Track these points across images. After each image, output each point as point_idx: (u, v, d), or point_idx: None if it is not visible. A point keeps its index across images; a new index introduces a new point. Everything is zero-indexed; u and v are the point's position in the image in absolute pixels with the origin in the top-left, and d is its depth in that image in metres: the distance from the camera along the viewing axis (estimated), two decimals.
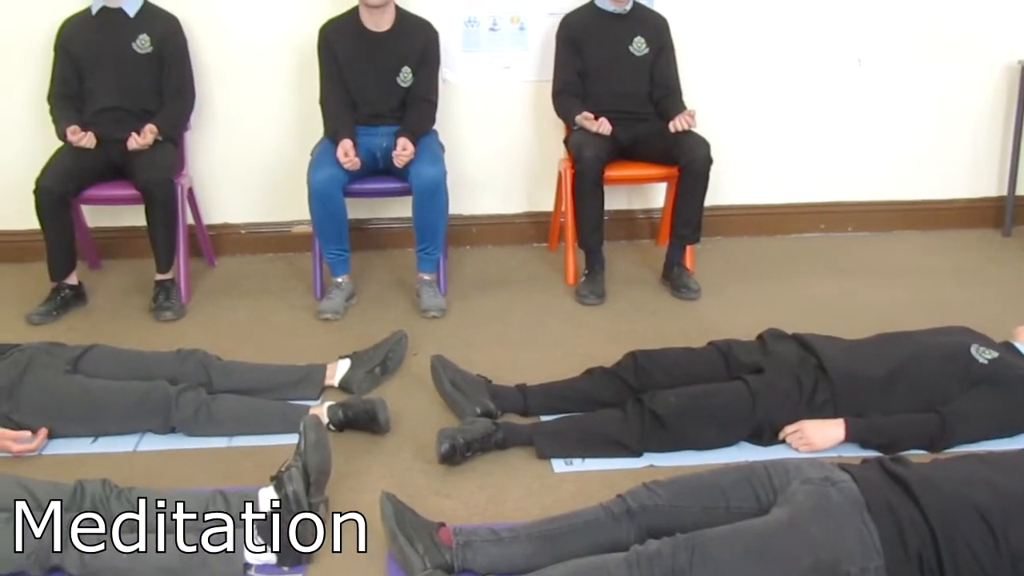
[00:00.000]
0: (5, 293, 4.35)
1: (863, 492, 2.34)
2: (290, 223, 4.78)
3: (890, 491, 2.35)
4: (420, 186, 4.03)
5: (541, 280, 4.51)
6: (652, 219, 4.99)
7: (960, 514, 2.29)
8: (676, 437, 3.01)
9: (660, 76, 4.44)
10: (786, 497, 2.39)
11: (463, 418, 3.15)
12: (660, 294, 4.31)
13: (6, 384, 3.10)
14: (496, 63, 4.71)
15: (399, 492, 2.60)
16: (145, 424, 3.15)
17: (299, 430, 2.70)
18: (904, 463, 2.49)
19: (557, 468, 2.97)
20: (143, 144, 4.07)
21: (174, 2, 4.35)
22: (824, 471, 2.44)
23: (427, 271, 4.20)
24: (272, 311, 4.18)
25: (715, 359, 3.25)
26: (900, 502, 2.32)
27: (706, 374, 3.18)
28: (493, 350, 3.75)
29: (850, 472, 2.42)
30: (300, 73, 4.56)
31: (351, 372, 3.44)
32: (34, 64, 4.38)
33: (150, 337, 3.82)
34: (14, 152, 4.51)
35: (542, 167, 4.84)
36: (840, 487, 2.35)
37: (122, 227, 4.65)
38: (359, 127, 4.19)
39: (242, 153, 4.71)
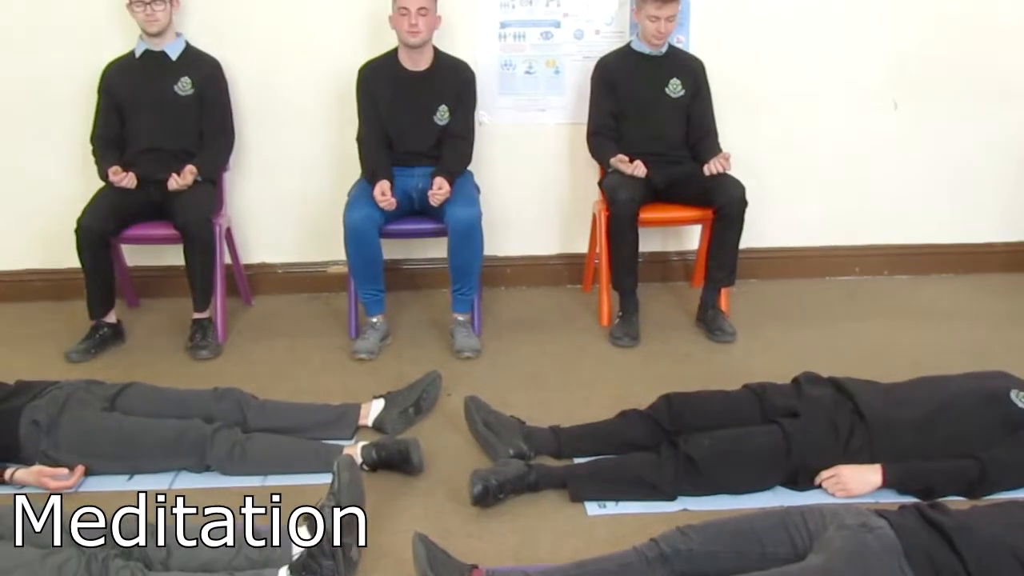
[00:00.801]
0: (45, 330, 4.40)
1: (900, 539, 2.31)
2: (326, 263, 4.82)
3: (928, 538, 2.33)
4: (455, 227, 4.05)
5: (575, 322, 4.51)
6: (687, 261, 4.98)
7: (1000, 562, 2.26)
8: (710, 481, 2.99)
9: (696, 118, 4.45)
10: (822, 543, 2.37)
11: (496, 459, 3.15)
12: (694, 336, 4.30)
13: (45, 421, 3.13)
14: (531, 106, 4.74)
15: (432, 533, 2.60)
16: (181, 462, 3.17)
17: (333, 470, 2.71)
18: (943, 510, 2.46)
19: (590, 511, 2.96)
20: (183, 184, 4.12)
21: (215, 45, 4.42)
22: (861, 517, 2.41)
23: (461, 312, 4.21)
24: (307, 350, 4.20)
25: (750, 402, 3.22)
26: (938, 550, 2.29)
27: (740, 417, 3.15)
28: (527, 391, 3.75)
29: (887, 518, 2.40)
30: (338, 114, 4.61)
31: (385, 412, 3.45)
32: (78, 106, 4.45)
33: (187, 375, 3.85)
34: (57, 192, 4.58)
35: (576, 209, 4.85)
36: (877, 534, 2.33)
37: (161, 266, 4.70)
38: (396, 168, 4.23)
39: (279, 193, 4.76)
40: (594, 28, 4.67)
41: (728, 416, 3.16)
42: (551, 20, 4.64)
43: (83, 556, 2.46)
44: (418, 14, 4.11)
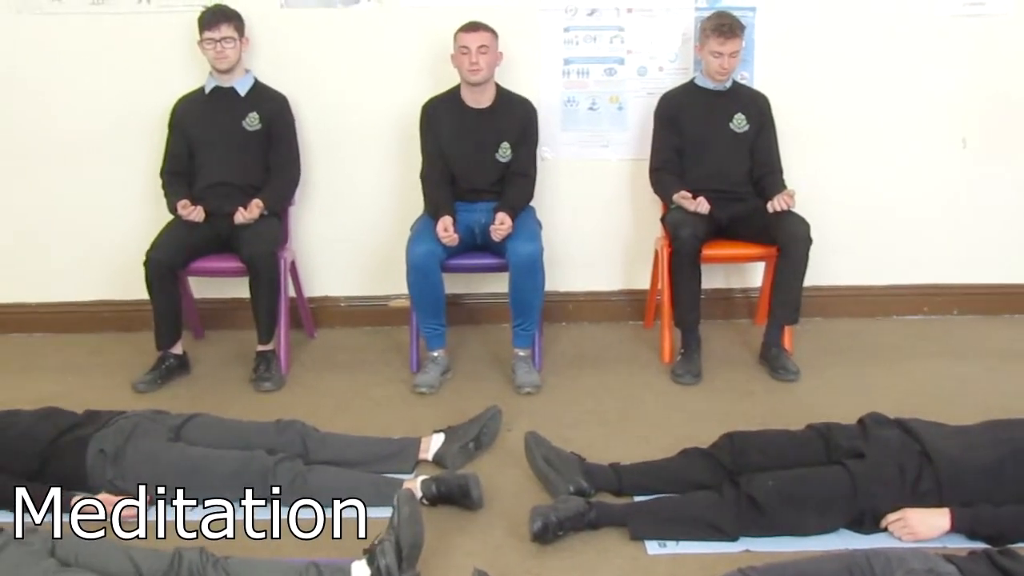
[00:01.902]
0: (112, 361, 4.48)
1: None
2: (388, 297, 4.85)
3: None
4: (517, 262, 4.06)
5: (636, 358, 4.48)
6: (750, 298, 4.94)
7: None
8: (773, 522, 2.94)
9: (760, 154, 4.43)
10: None
11: (556, 496, 3.13)
12: (758, 375, 4.25)
13: (111, 450, 3.18)
14: (594, 141, 4.75)
15: (491, 569, 2.59)
16: (243, 493, 3.19)
17: (393, 504, 2.71)
18: (1014, 556, 2.41)
19: (651, 550, 2.93)
20: (249, 218, 4.18)
21: (283, 81, 4.49)
22: (929, 562, 2.36)
23: (522, 347, 4.21)
24: (369, 384, 4.23)
25: (814, 442, 3.17)
26: None
27: (804, 458, 3.10)
28: (587, 428, 3.73)
29: (956, 564, 2.35)
30: (401, 149, 4.66)
31: (445, 447, 3.45)
32: (149, 140, 4.55)
33: (250, 407, 3.89)
34: (127, 225, 4.67)
35: (639, 245, 4.84)
36: None
37: (226, 298, 4.76)
38: (458, 203, 4.26)
39: (343, 228, 4.81)
40: (658, 65, 4.67)
41: (792, 456, 3.11)
42: (615, 57, 4.66)
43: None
44: (479, 52, 4.15)
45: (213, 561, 2.64)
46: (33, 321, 4.88)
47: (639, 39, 4.65)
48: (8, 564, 2.51)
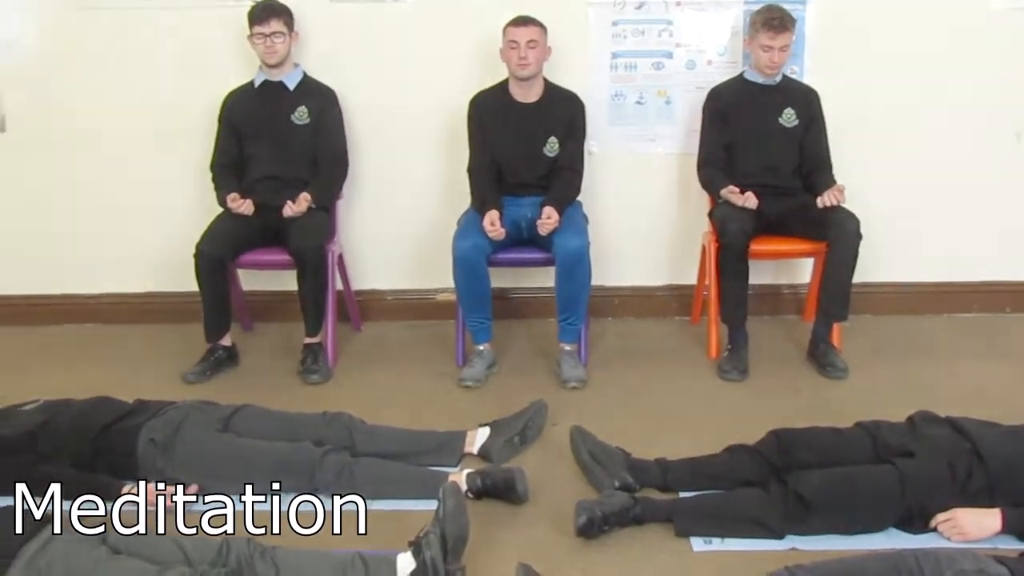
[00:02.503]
0: (163, 352, 4.53)
1: None
2: (434, 291, 4.87)
3: None
4: (563, 257, 4.06)
5: (683, 354, 4.47)
6: (798, 295, 4.90)
7: None
8: (820, 520, 2.91)
9: (809, 149, 4.39)
10: None
11: (601, 491, 3.13)
12: (805, 372, 4.22)
13: (162, 440, 3.22)
14: (642, 136, 4.74)
15: (535, 563, 2.59)
16: (290, 484, 3.20)
17: (438, 496, 2.72)
18: None
19: (696, 547, 2.91)
20: (297, 212, 4.21)
21: (331, 75, 4.52)
22: (979, 563, 2.33)
23: (568, 341, 4.21)
24: (415, 377, 4.24)
25: (862, 440, 3.13)
26: None
27: (852, 456, 3.07)
28: (633, 423, 3.72)
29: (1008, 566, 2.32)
30: (448, 143, 4.67)
31: (491, 440, 3.46)
32: (199, 134, 4.59)
33: (297, 399, 3.92)
34: (178, 217, 4.72)
35: (686, 240, 4.81)
36: None
37: (274, 291, 4.80)
38: (505, 197, 4.26)
39: (390, 221, 4.84)
40: (706, 58, 4.64)
41: (839, 454, 3.08)
42: (663, 51, 4.64)
43: (195, 574, 2.51)
44: (527, 47, 4.15)
45: (260, 551, 2.66)
46: (85, 312, 4.95)
47: (688, 33, 4.62)
48: (61, 551, 2.55)
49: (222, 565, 2.60)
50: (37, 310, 4.95)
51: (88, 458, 3.22)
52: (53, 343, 4.76)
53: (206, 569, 2.54)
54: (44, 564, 2.52)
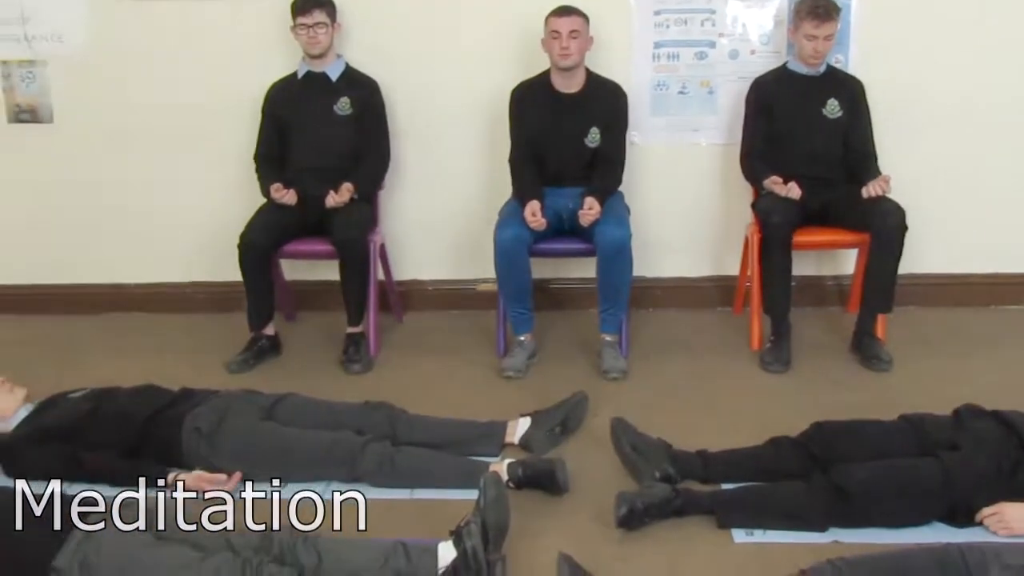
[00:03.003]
0: (207, 341, 4.57)
1: None
2: (476, 281, 4.87)
3: None
4: (605, 247, 4.05)
5: (725, 345, 4.44)
6: (842, 286, 4.86)
7: None
8: (863, 513, 2.89)
9: (854, 140, 4.35)
10: None
11: (642, 482, 3.12)
12: (849, 364, 4.18)
13: (206, 428, 3.25)
14: (684, 126, 4.71)
15: (576, 554, 2.59)
16: (332, 473, 3.24)
17: (479, 486, 2.73)
18: None
19: (737, 539, 2.90)
20: (340, 202, 4.23)
21: (373, 66, 4.54)
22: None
23: (609, 332, 4.20)
24: (456, 367, 4.26)
25: (906, 433, 3.11)
26: None
27: (896, 449, 3.05)
28: (674, 414, 3.71)
29: None
30: (489, 134, 4.67)
31: (531, 431, 3.46)
32: (243, 125, 4.62)
33: (339, 388, 3.94)
34: (221, 207, 4.76)
35: (728, 231, 4.79)
36: None
37: (317, 281, 4.83)
38: (546, 187, 4.26)
39: (432, 212, 4.85)
40: (750, 48, 4.61)
41: (883, 447, 3.05)
42: (706, 40, 4.61)
43: (238, 559, 2.54)
44: (569, 37, 4.14)
45: (303, 538, 2.69)
46: (131, 301, 5.01)
47: (731, 22, 4.59)
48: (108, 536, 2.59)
49: (265, 552, 2.63)
50: (84, 299, 5.01)
51: (134, 445, 3.27)
52: (99, 332, 4.82)
53: (250, 556, 2.57)
54: (92, 548, 2.56)
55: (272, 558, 2.60)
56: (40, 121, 4.84)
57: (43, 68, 4.78)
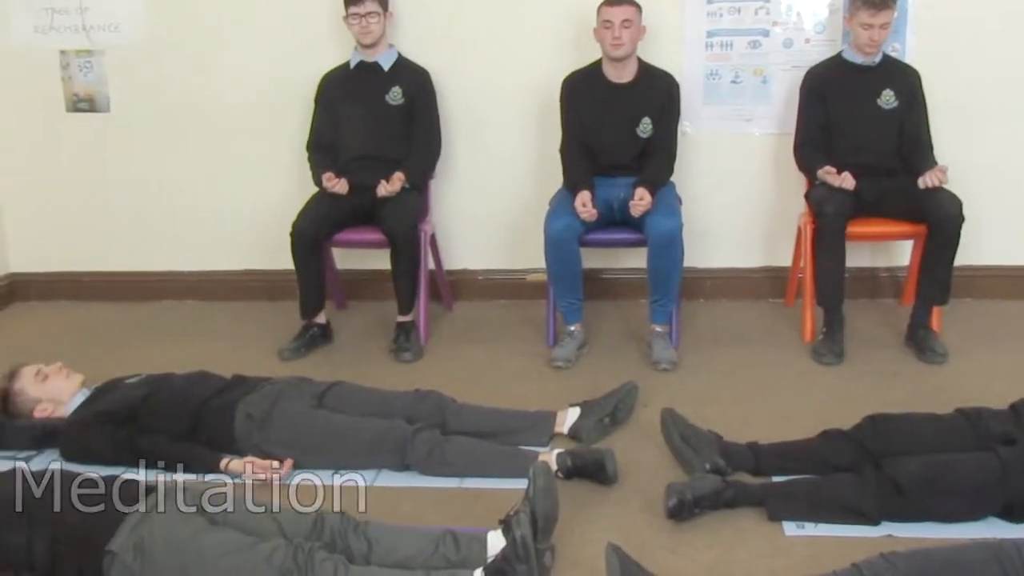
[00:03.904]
0: (259, 328, 4.62)
1: None
2: (526, 271, 4.87)
3: None
4: (656, 238, 4.03)
5: (777, 337, 4.41)
6: (896, 278, 4.80)
7: None
8: (917, 508, 2.85)
9: (910, 130, 4.28)
10: None
11: (692, 473, 3.10)
12: (903, 356, 4.13)
13: (258, 415, 3.29)
14: (737, 116, 4.68)
15: (625, 544, 2.58)
16: (382, 461, 3.26)
17: (528, 475, 2.73)
18: None
19: (788, 531, 2.88)
20: (391, 191, 4.25)
21: (425, 56, 4.55)
22: None
23: (660, 323, 4.18)
24: (505, 356, 4.26)
25: (962, 427, 3.05)
26: None
27: (951, 443, 2.99)
28: (725, 406, 3.69)
29: None
30: (540, 124, 4.67)
31: (581, 421, 3.45)
32: (295, 113, 4.67)
33: (389, 376, 3.96)
34: (274, 196, 4.81)
35: (781, 221, 4.74)
36: None
37: (368, 270, 4.86)
38: (597, 177, 4.24)
39: (483, 201, 4.86)
40: (804, 37, 4.57)
41: (938, 440, 3.00)
42: (760, 29, 4.57)
43: (290, 546, 2.56)
44: (622, 27, 4.12)
45: (354, 525, 2.71)
46: (185, 289, 5.08)
47: (785, 10, 4.55)
48: (161, 520, 2.62)
49: (316, 538, 2.65)
50: (138, 286, 5.08)
51: (188, 431, 3.31)
52: (153, 319, 4.89)
53: (301, 542, 2.58)
54: (146, 532, 2.59)
55: (323, 544, 2.61)
56: (97, 110, 4.92)
57: (100, 57, 4.85)
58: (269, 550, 2.55)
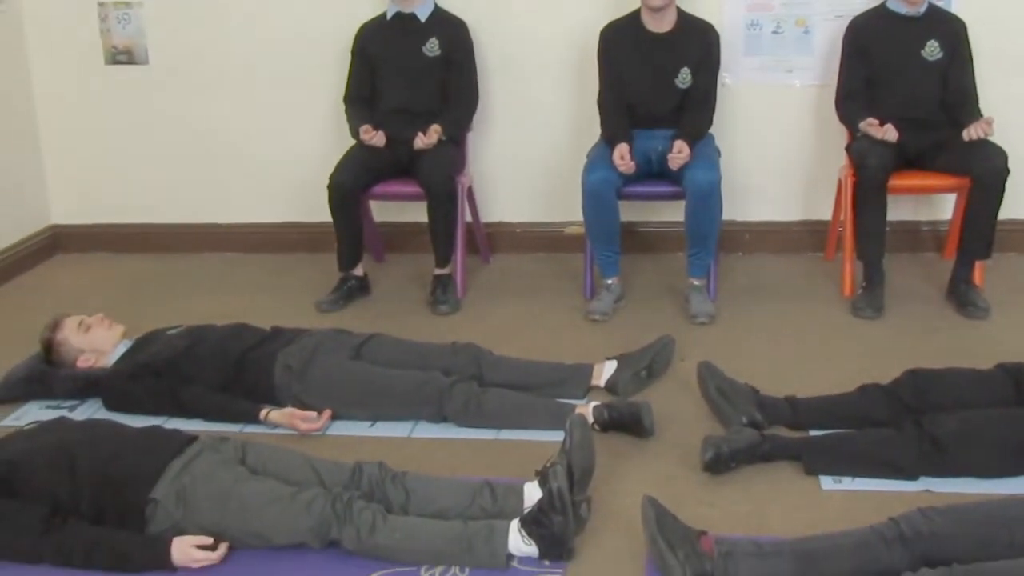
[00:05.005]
0: (297, 280, 4.65)
1: None
2: (563, 224, 4.86)
3: None
4: (694, 190, 4.00)
5: (815, 291, 4.37)
6: (938, 231, 4.74)
7: None
8: (956, 463, 2.84)
9: (955, 82, 4.21)
10: None
11: (729, 427, 3.10)
12: (944, 311, 4.09)
13: (297, 366, 3.32)
14: (778, 67, 4.61)
15: (661, 496, 2.59)
16: (419, 412, 3.28)
17: (565, 428, 2.74)
18: None
19: (825, 485, 2.88)
20: (428, 144, 4.24)
21: (462, 7, 4.51)
22: None
23: (697, 276, 4.16)
24: (542, 309, 4.26)
25: (1003, 383, 3.03)
26: None
27: (992, 398, 2.98)
28: (762, 360, 3.67)
29: None
30: (578, 75, 4.63)
31: (617, 374, 3.45)
32: (333, 65, 4.66)
33: (426, 328, 3.98)
34: (311, 149, 4.81)
35: (821, 174, 4.69)
36: None
37: (405, 222, 4.86)
38: (635, 130, 4.21)
39: (520, 154, 4.84)
40: None
41: (978, 396, 2.98)
42: None
43: (328, 495, 2.59)
44: None
45: (392, 475, 2.73)
46: (225, 241, 5.11)
47: None
48: (203, 471, 2.66)
49: (355, 488, 2.68)
50: (179, 239, 5.12)
51: (228, 382, 3.35)
52: (193, 271, 4.93)
53: (339, 492, 2.62)
54: (188, 480, 2.63)
55: (361, 494, 2.64)
56: (136, 63, 4.94)
57: (139, 9, 4.86)
58: (308, 499, 2.58)
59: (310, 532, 2.57)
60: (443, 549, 2.54)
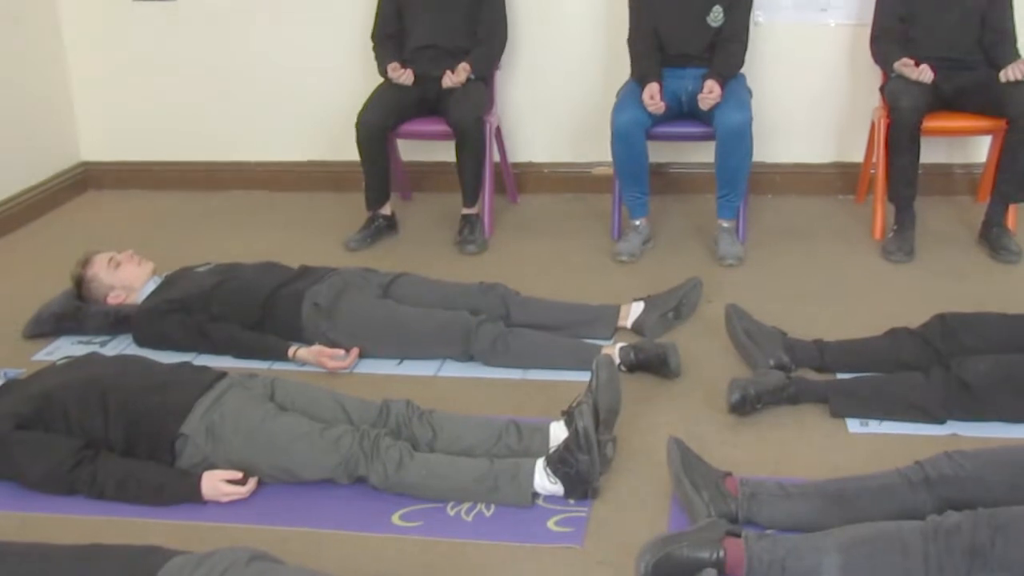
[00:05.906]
0: (325, 219, 4.66)
1: None
2: (591, 164, 4.83)
3: None
4: (724, 131, 3.96)
5: (846, 234, 4.34)
6: (972, 174, 4.68)
7: None
8: (984, 407, 2.83)
9: (993, 21, 4.12)
10: None
11: (756, 369, 3.10)
12: (976, 255, 4.05)
13: (325, 305, 3.33)
14: (812, 5, 4.54)
15: (686, 438, 2.60)
16: (446, 351, 3.30)
17: (591, 368, 2.74)
18: None
19: (851, 428, 2.87)
20: (456, 82, 4.21)
21: None
22: None
23: (726, 218, 4.13)
24: (569, 250, 4.26)
25: None
26: None
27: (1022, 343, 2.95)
28: (790, 302, 3.65)
29: None
30: (608, 14, 4.57)
31: (644, 315, 3.45)
32: (361, 4, 4.62)
33: (454, 268, 3.99)
34: (338, 87, 4.79)
35: (854, 115, 4.63)
36: None
37: (433, 162, 4.85)
38: (665, 69, 4.16)
39: (548, 93, 4.80)
40: None
41: (1009, 340, 2.96)
42: None
43: (356, 432, 2.62)
44: None
45: (419, 413, 2.75)
46: (253, 179, 5.12)
47: None
48: (232, 407, 2.69)
49: (382, 425, 2.71)
50: (207, 176, 5.14)
51: (257, 319, 3.37)
52: (222, 208, 4.94)
53: (367, 429, 2.64)
54: (217, 416, 2.66)
55: (388, 431, 2.67)
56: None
57: None
58: (336, 436, 2.61)
59: (338, 468, 2.60)
60: (469, 487, 2.56)
